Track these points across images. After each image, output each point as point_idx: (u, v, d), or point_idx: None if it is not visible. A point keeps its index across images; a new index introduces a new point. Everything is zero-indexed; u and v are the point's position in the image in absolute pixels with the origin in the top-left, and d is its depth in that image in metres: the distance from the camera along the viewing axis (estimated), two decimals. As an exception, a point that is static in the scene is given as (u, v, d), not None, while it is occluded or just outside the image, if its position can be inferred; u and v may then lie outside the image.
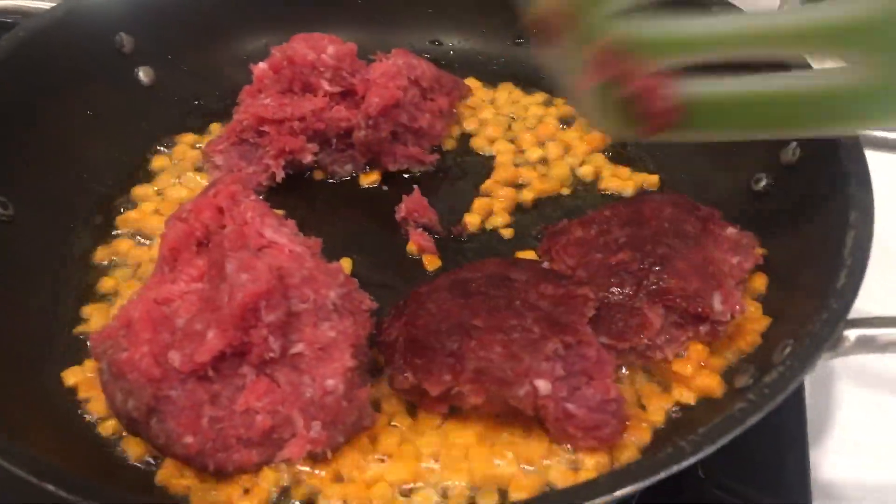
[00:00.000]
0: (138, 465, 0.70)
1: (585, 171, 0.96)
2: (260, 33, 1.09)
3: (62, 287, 0.85)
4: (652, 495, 0.74)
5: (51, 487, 0.54)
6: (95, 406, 0.74)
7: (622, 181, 0.95)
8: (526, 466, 0.68)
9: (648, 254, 0.74)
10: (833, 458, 0.82)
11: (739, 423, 0.57)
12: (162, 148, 1.00)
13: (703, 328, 0.72)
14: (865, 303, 0.86)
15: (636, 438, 0.69)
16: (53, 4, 0.98)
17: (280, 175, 0.94)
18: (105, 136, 0.98)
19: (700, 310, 0.71)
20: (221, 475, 0.66)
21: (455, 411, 0.71)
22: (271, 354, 0.66)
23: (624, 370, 0.74)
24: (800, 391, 0.86)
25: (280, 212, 0.92)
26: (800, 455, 0.81)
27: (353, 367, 0.69)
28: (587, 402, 0.66)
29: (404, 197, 0.91)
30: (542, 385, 0.65)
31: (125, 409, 0.63)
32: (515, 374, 0.65)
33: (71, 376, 0.77)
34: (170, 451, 0.64)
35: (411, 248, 0.89)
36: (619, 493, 0.53)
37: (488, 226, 0.92)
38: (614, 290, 0.73)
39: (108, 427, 0.72)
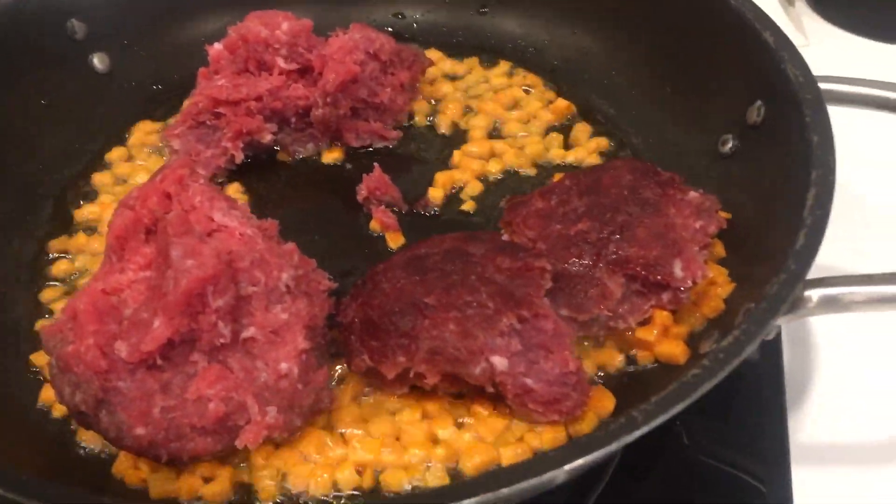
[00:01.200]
0: (96, 454, 0.70)
1: (556, 154, 0.94)
2: (219, 14, 1.07)
3: (19, 279, 0.84)
4: (636, 462, 0.75)
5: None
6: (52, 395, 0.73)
7: (588, 152, 0.93)
8: (484, 441, 0.67)
9: (607, 223, 0.72)
10: (811, 422, 0.81)
11: (693, 390, 0.55)
12: (120, 135, 0.98)
13: (665, 296, 0.71)
14: (838, 260, 0.85)
15: (597, 410, 0.68)
16: (2, -9, 0.95)
17: (239, 157, 0.93)
18: (60, 125, 0.96)
19: (660, 277, 0.69)
20: (177, 465, 0.65)
21: (418, 388, 0.70)
22: (222, 340, 0.64)
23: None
24: (778, 355, 0.85)
25: (242, 196, 0.92)
26: (778, 419, 0.81)
27: (308, 349, 0.67)
28: (546, 376, 0.65)
29: (364, 176, 0.89)
30: (499, 361, 0.64)
31: (73, 402, 0.62)
32: (470, 353, 0.63)
33: (40, 359, 0.76)
34: (121, 443, 0.63)
35: (374, 226, 0.88)
36: (568, 467, 0.52)
37: (452, 200, 0.90)
38: (574, 260, 0.71)
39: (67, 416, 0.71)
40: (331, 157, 0.96)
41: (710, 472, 0.78)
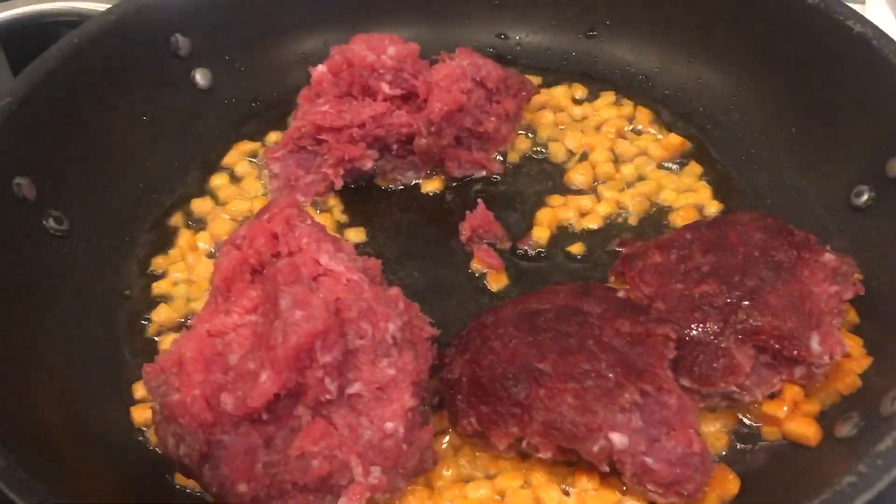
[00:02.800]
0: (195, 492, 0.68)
1: (667, 196, 0.88)
2: (319, 31, 1.04)
3: (121, 300, 0.83)
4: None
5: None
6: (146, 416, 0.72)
7: (704, 195, 0.87)
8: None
9: (736, 286, 0.67)
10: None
11: (849, 502, 0.50)
12: (218, 152, 0.96)
13: (797, 370, 0.66)
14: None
15: (720, 491, 0.63)
16: (108, 6, 0.94)
17: (339, 183, 0.90)
18: (162, 142, 0.95)
19: (796, 352, 0.64)
20: (276, 521, 0.63)
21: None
22: (327, 396, 0.62)
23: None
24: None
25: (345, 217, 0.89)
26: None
27: (414, 407, 0.64)
28: (667, 456, 0.60)
29: (468, 214, 0.85)
30: (618, 439, 0.60)
31: (177, 454, 0.61)
32: (588, 429, 0.59)
33: (140, 389, 0.75)
34: (224, 499, 0.61)
35: (476, 265, 0.84)
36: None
37: (557, 240, 0.86)
38: (698, 326, 0.66)
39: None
40: (431, 186, 0.93)
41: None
